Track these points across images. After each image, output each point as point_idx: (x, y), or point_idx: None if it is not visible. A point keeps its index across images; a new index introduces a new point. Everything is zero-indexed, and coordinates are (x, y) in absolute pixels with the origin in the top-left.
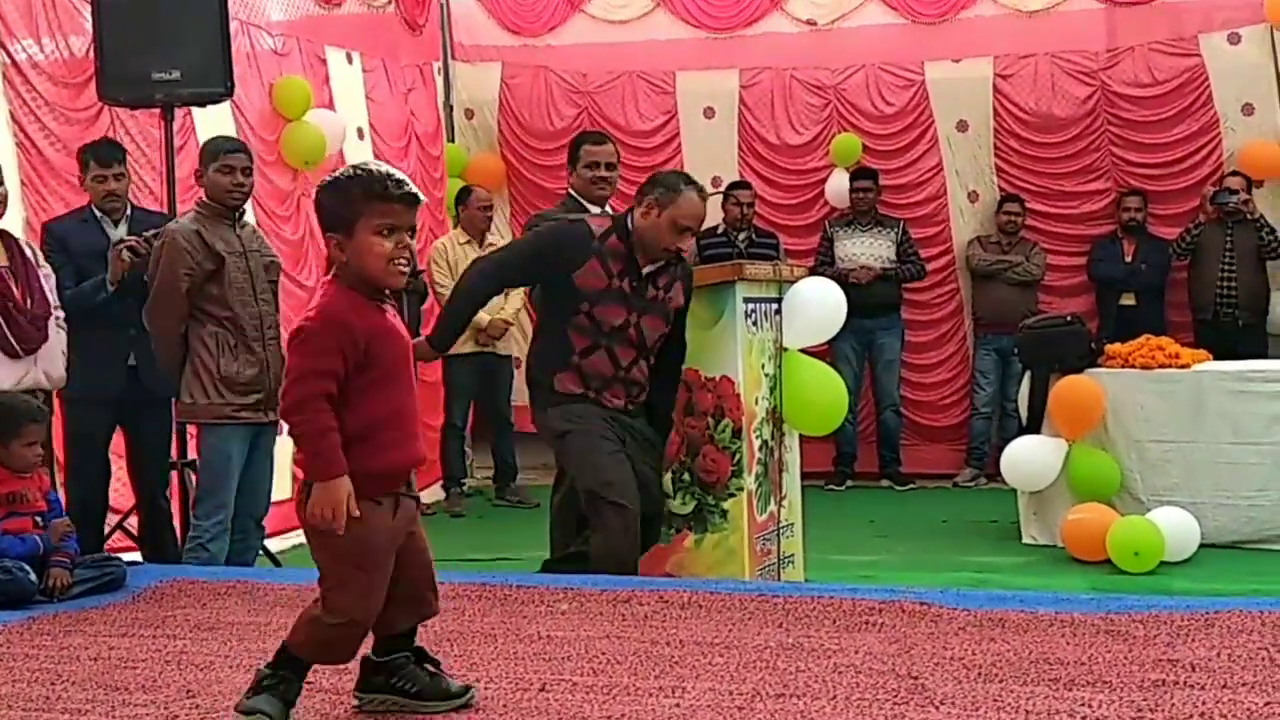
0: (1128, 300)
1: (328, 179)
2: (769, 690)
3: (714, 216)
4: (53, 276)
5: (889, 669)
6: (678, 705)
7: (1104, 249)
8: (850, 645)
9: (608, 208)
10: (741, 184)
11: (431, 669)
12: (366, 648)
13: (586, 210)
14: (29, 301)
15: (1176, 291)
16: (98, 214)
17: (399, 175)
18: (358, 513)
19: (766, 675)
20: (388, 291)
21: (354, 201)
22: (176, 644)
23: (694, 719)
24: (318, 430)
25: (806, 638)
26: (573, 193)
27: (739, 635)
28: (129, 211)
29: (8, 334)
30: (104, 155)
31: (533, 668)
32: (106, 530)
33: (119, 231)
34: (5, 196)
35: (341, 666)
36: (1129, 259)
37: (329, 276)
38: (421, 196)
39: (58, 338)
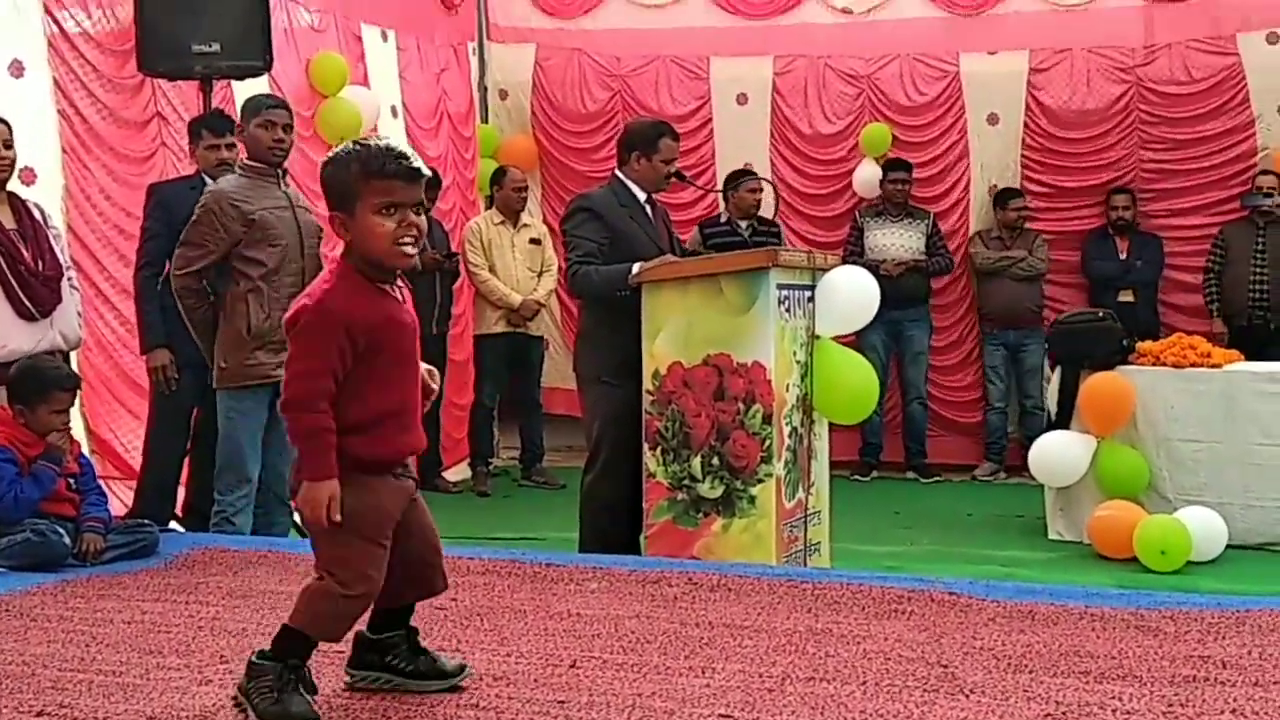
0: (1126, 298)
1: (330, 155)
2: (799, 674)
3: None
4: (63, 238)
5: (919, 656)
6: (708, 685)
7: (1096, 246)
8: (879, 632)
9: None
10: (749, 173)
11: (423, 651)
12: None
13: (633, 195)
14: (40, 263)
15: (1171, 292)
16: (207, 181)
17: (399, 149)
18: (338, 517)
19: (796, 659)
20: (399, 272)
21: (353, 179)
22: (209, 610)
23: (724, 699)
24: (311, 430)
25: (836, 623)
26: (625, 177)
27: (768, 619)
28: None
29: (21, 297)
30: (218, 125)
31: (563, 644)
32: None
33: None
34: (13, 161)
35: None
36: (1123, 256)
37: (339, 255)
38: (425, 170)
39: (71, 299)
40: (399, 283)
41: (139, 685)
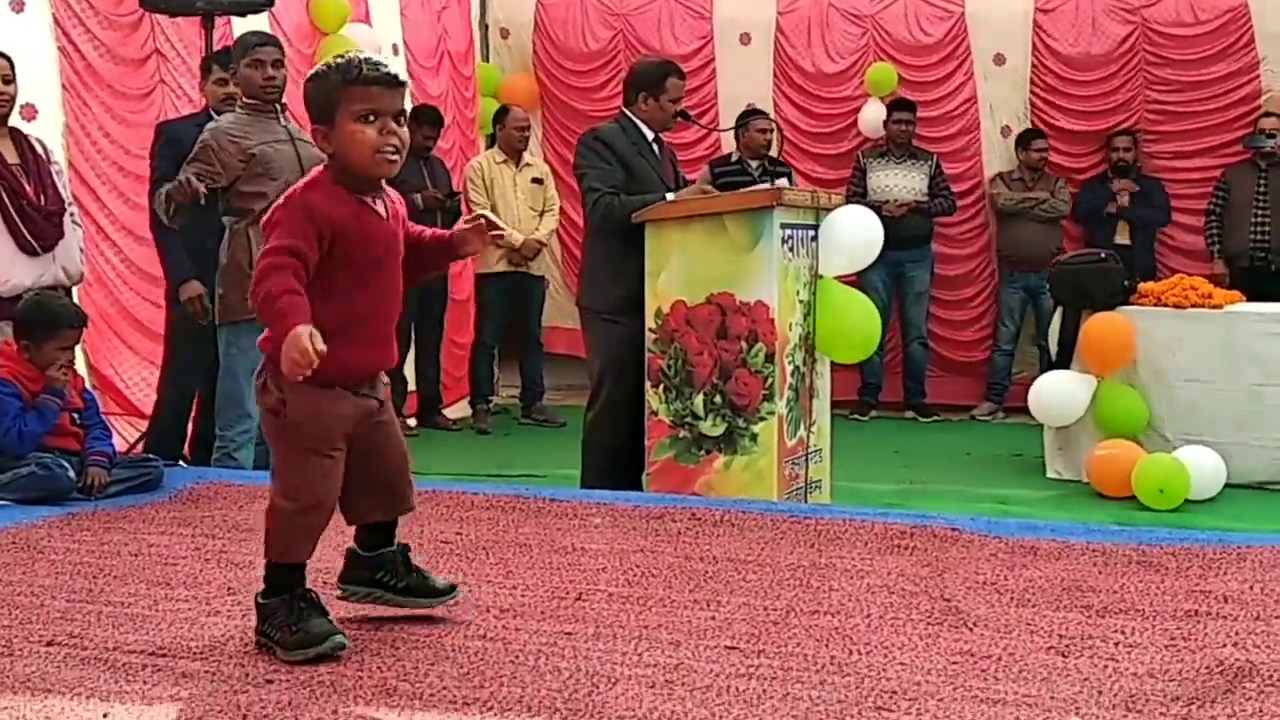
0: (1123, 239)
1: (312, 71)
2: (803, 607)
3: (727, 144)
4: (65, 173)
5: (921, 591)
6: (713, 618)
7: (1091, 189)
8: (882, 567)
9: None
10: (760, 113)
11: (415, 569)
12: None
13: (642, 134)
14: (42, 198)
15: (1173, 234)
16: (214, 117)
17: (376, 59)
18: (324, 346)
19: (800, 593)
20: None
21: (333, 89)
22: (215, 543)
23: (729, 632)
24: (280, 290)
25: (839, 558)
26: (633, 116)
27: (771, 554)
28: None
29: (24, 231)
30: (226, 61)
31: (568, 577)
32: (138, 435)
33: None
34: (13, 96)
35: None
36: (1124, 200)
37: (323, 171)
38: (403, 78)
39: (74, 234)
40: (390, 197)
41: (148, 616)
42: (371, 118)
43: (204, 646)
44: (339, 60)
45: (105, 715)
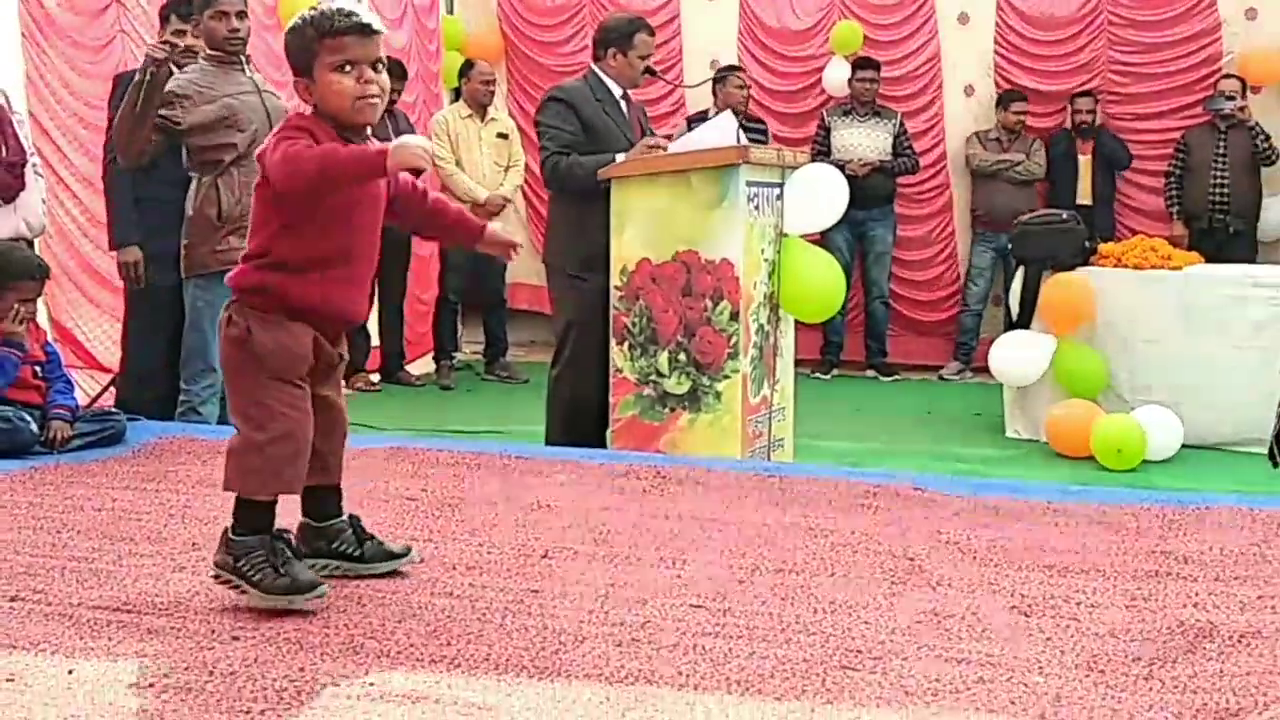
0: (1084, 200)
1: (289, 25)
2: (768, 565)
3: (704, 100)
4: (26, 123)
5: (885, 549)
6: (679, 576)
7: (1056, 142)
8: (846, 525)
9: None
10: (736, 68)
11: (369, 536)
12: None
13: (608, 90)
14: (3, 149)
15: (1132, 195)
16: (173, 69)
17: (350, 8)
18: (430, 147)
19: (765, 551)
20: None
21: (309, 42)
22: (179, 498)
23: (695, 590)
24: (328, 150)
25: (803, 516)
26: (601, 72)
27: (736, 512)
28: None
29: None
30: (185, 11)
31: (534, 534)
32: (99, 389)
33: None
34: None
35: None
36: (1085, 158)
37: (307, 114)
38: (377, 26)
39: (35, 185)
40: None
41: (112, 571)
42: (348, 67)
43: (169, 602)
44: (314, 12)
45: (70, 672)
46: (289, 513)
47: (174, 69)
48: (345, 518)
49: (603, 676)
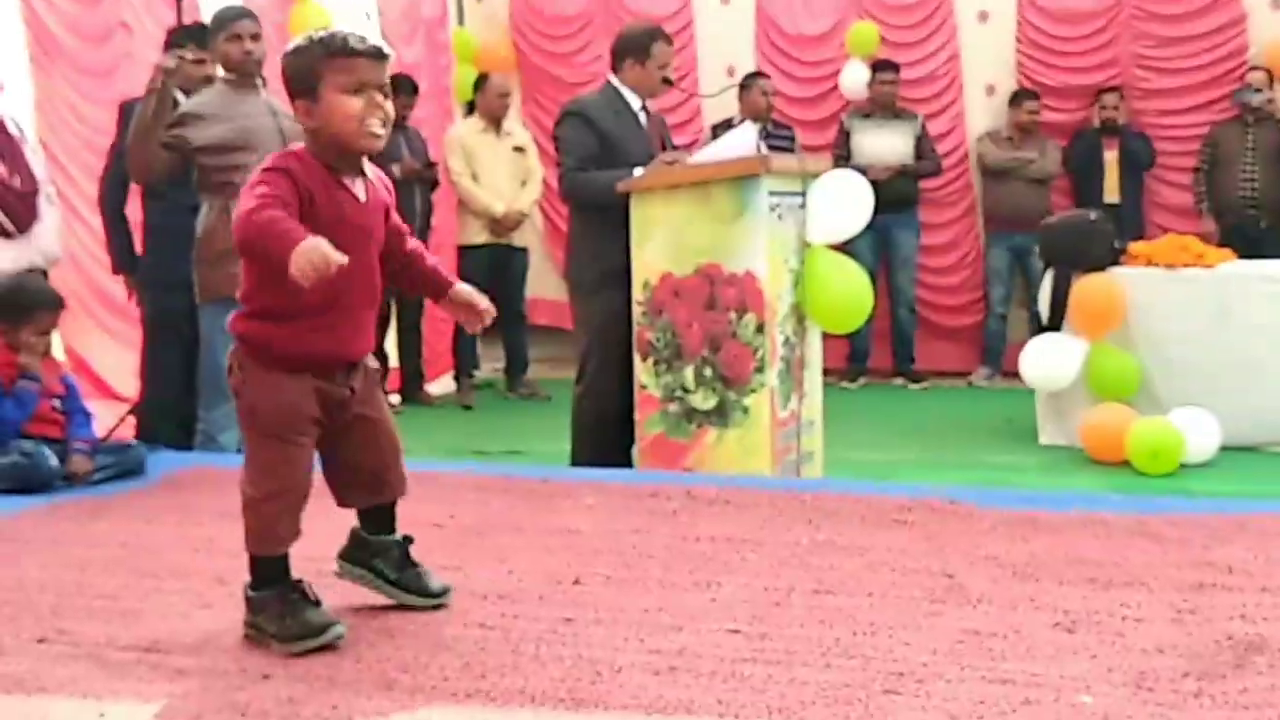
0: (1112, 198)
1: (291, 45)
2: (804, 586)
3: (729, 108)
4: (40, 152)
5: (923, 567)
6: (714, 600)
7: (1083, 139)
8: (881, 543)
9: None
10: (762, 75)
11: (412, 564)
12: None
13: (626, 102)
14: (16, 179)
15: (1161, 192)
16: (178, 95)
17: (361, 33)
18: (344, 259)
19: (800, 572)
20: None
21: (316, 62)
22: (202, 531)
23: (731, 613)
24: (266, 221)
25: (838, 534)
26: (619, 83)
27: (769, 532)
28: None
29: None
30: (203, 39)
31: (564, 560)
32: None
33: None
34: None
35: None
36: (1112, 154)
37: (300, 147)
38: (388, 51)
39: (50, 215)
40: (374, 183)
41: (139, 610)
42: (357, 90)
43: (198, 641)
44: (320, 33)
45: (102, 715)
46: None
47: (180, 94)
48: (396, 538)
49: (641, 706)
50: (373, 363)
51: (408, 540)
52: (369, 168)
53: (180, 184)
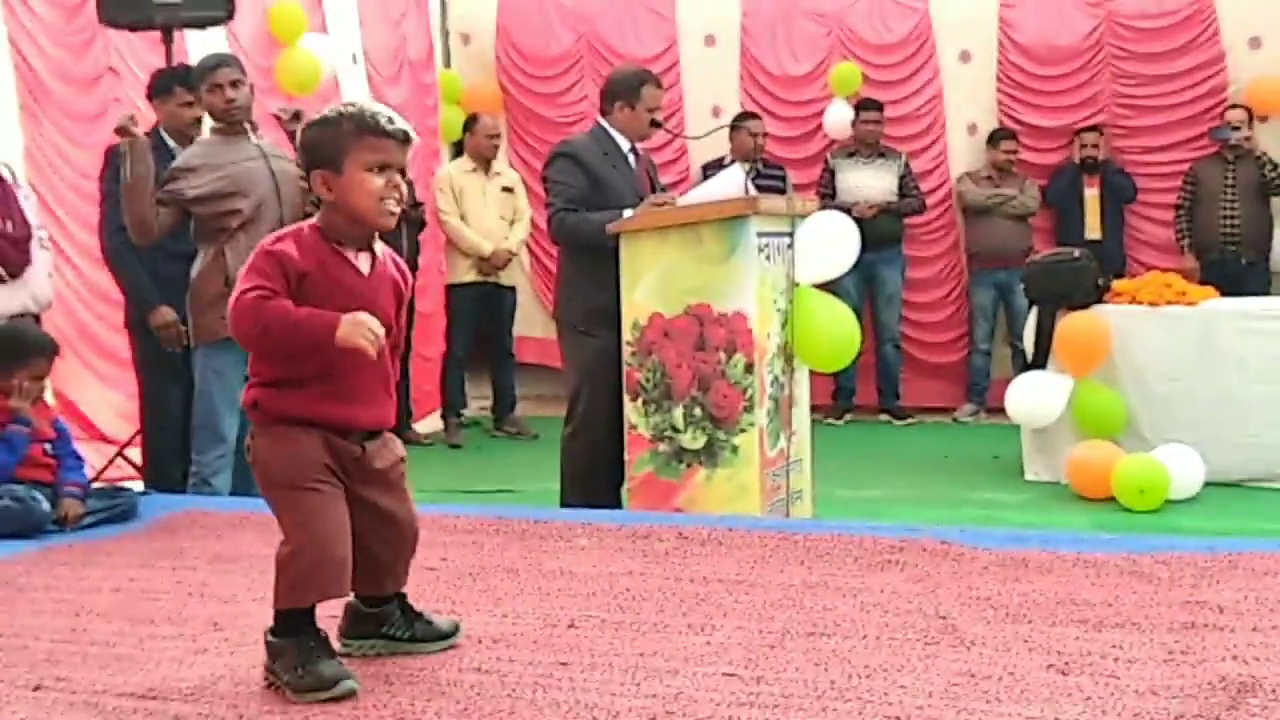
0: (1093, 235)
1: (316, 116)
2: (799, 629)
3: (720, 148)
4: (33, 197)
5: (916, 609)
6: (708, 643)
7: (1062, 176)
8: (875, 584)
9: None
10: (752, 115)
11: (417, 615)
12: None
13: (615, 144)
14: (9, 224)
15: (1142, 228)
16: (168, 142)
17: (391, 113)
18: (382, 330)
19: (795, 613)
20: (376, 239)
21: (344, 137)
22: (197, 576)
23: (726, 657)
24: (277, 315)
25: (830, 576)
26: (608, 125)
27: (762, 573)
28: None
29: None
30: (191, 81)
31: (559, 603)
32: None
33: None
34: None
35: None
36: (1093, 192)
37: (309, 222)
38: (414, 136)
39: (42, 260)
40: (381, 258)
41: (134, 656)
42: (380, 169)
43: (194, 687)
44: (353, 108)
45: None
46: None
47: (171, 141)
48: (394, 599)
49: None
50: (399, 450)
51: (402, 595)
52: (379, 246)
53: (172, 233)
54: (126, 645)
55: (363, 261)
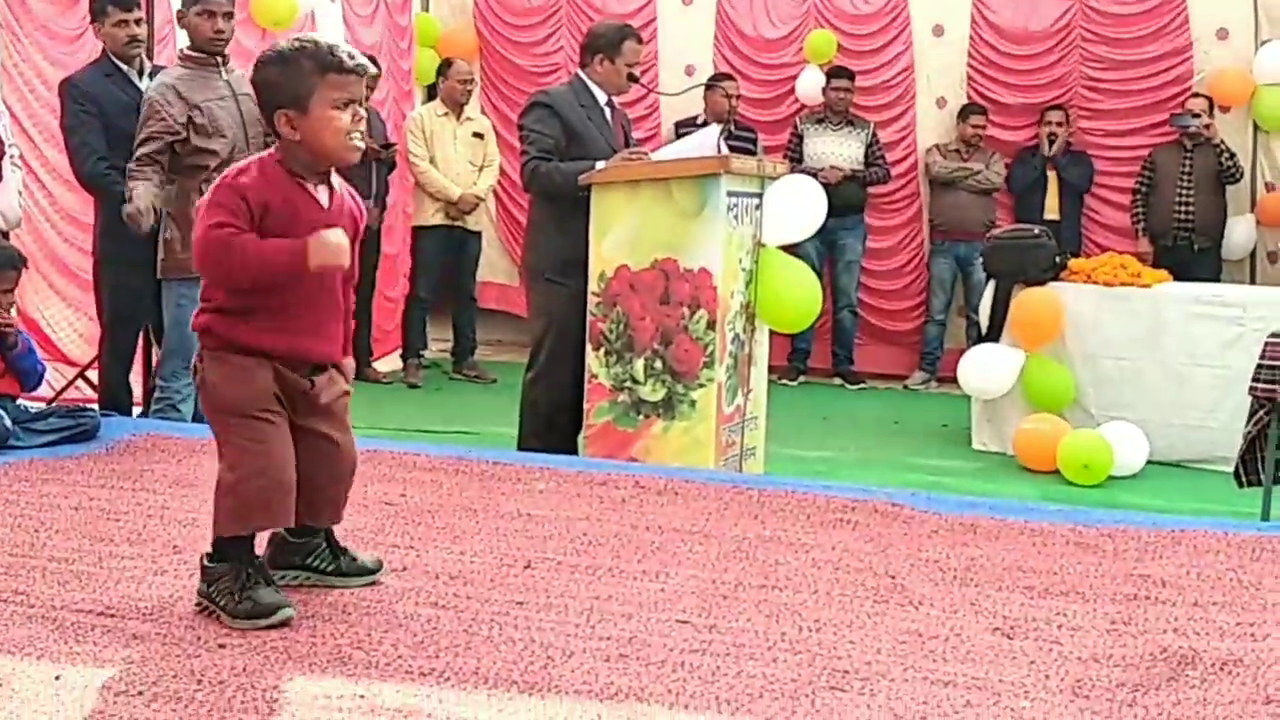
0: (1052, 215)
1: (270, 53)
2: (751, 581)
3: (695, 107)
4: (5, 115)
5: (866, 567)
6: (662, 590)
7: (1023, 162)
8: (826, 541)
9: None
10: (728, 76)
11: (342, 550)
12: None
13: (593, 96)
14: None
15: (1100, 211)
16: (120, 66)
17: (347, 47)
18: (346, 241)
19: (747, 566)
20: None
21: (307, 75)
22: (156, 498)
23: (680, 605)
24: (248, 251)
25: (783, 531)
26: (586, 77)
27: (716, 525)
28: (148, 63)
29: None
30: (124, 0)
31: (515, 544)
32: (65, 382)
33: (144, 84)
34: None
35: None
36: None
37: (268, 154)
38: (372, 68)
39: (12, 177)
40: (339, 192)
41: (93, 574)
42: (344, 105)
43: (153, 607)
44: (307, 44)
45: (57, 677)
46: None
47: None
48: (320, 532)
49: (594, 693)
50: (344, 384)
51: (329, 532)
52: (337, 179)
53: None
54: (85, 562)
55: (322, 194)
